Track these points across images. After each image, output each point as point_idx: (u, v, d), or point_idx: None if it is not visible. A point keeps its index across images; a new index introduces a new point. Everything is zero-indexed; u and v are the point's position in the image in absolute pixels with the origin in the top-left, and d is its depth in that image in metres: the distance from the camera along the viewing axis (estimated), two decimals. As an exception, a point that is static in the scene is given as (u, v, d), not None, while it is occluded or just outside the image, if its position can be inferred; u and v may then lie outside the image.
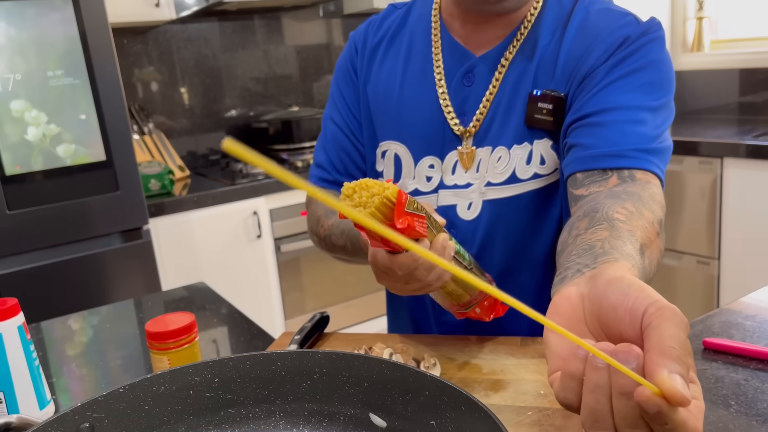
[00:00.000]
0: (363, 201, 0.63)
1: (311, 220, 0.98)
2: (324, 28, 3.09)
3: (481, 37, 0.87)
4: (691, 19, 2.91)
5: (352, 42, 1.00)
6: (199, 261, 2.32)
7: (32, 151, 1.87)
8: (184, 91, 2.79)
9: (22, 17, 1.81)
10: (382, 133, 0.95)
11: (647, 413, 0.39)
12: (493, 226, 0.88)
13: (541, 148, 0.84)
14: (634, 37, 0.79)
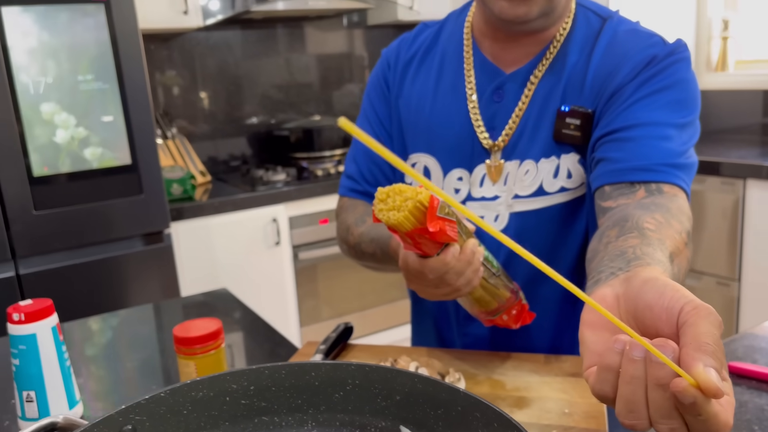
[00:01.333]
0: (397, 205, 0.65)
1: (341, 228, 1.00)
2: (346, 37, 3.11)
3: (511, 55, 0.90)
4: (716, 39, 2.90)
5: (384, 58, 1.03)
6: (217, 266, 2.34)
7: (60, 154, 1.90)
8: (206, 97, 2.83)
9: (56, 22, 1.85)
10: (413, 146, 0.97)
11: (682, 404, 0.40)
12: (520, 238, 0.89)
13: (569, 163, 0.86)
14: (662, 57, 0.81)
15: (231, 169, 2.91)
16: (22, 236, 1.89)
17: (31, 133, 1.85)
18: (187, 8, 2.38)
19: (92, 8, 1.88)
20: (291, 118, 3.02)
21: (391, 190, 0.66)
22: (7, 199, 1.85)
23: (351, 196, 1.02)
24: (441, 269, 0.68)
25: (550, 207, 0.87)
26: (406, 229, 0.65)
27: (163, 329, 1.21)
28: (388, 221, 0.65)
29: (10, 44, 1.80)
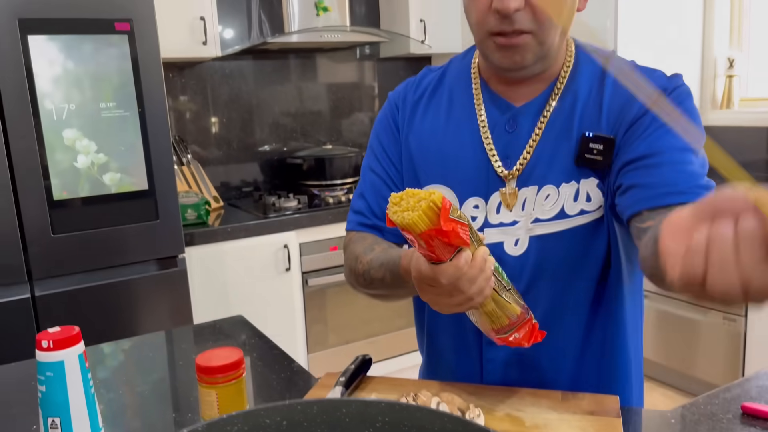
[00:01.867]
0: (410, 205, 0.67)
1: (350, 258, 1.01)
2: (357, 68, 3.18)
3: (520, 92, 0.95)
4: (721, 77, 2.95)
5: (392, 101, 1.07)
6: (228, 290, 2.36)
7: (80, 178, 1.94)
8: (220, 124, 2.88)
9: (81, 51, 1.90)
10: (426, 178, 0.99)
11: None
12: (541, 260, 0.92)
13: (588, 187, 0.90)
14: (670, 89, 0.88)
15: (243, 194, 2.95)
16: (40, 258, 1.92)
17: (53, 158, 1.89)
18: (206, 39, 2.44)
19: (116, 38, 1.94)
20: (303, 146, 3.07)
21: (405, 194, 0.69)
22: (26, 222, 1.89)
23: (360, 230, 1.04)
24: (454, 274, 0.70)
25: (571, 229, 0.91)
26: (420, 230, 0.67)
27: (184, 356, 1.23)
28: (403, 221, 0.67)
29: (36, 72, 1.85)
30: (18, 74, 1.83)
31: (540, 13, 0.84)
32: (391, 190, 1.03)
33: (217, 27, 2.49)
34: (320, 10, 2.65)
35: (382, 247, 0.96)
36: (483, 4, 0.86)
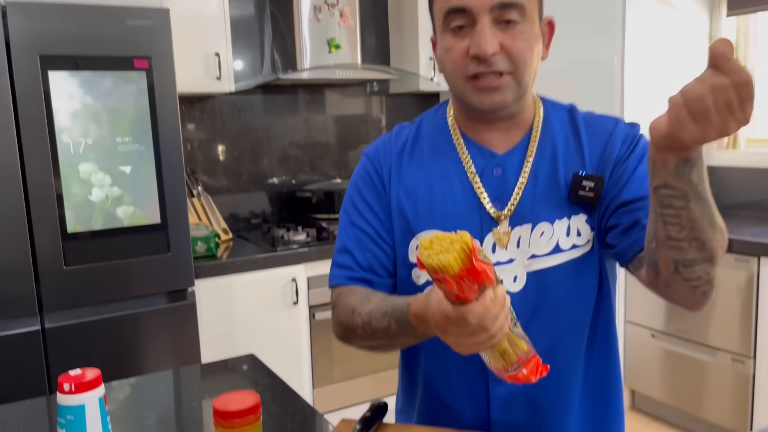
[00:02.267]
0: (444, 248, 0.69)
1: (344, 312, 1.00)
2: (365, 103, 3.22)
3: (500, 141, 1.01)
4: (727, 117, 2.99)
5: (368, 158, 1.09)
6: (236, 324, 2.36)
7: (94, 211, 1.97)
8: (230, 156, 2.91)
9: (100, 87, 1.94)
10: (419, 225, 1.02)
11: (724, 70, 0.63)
12: (540, 294, 0.97)
13: (578, 223, 0.98)
14: (636, 134, 1.00)
15: (252, 226, 2.97)
16: (51, 291, 1.93)
17: (68, 192, 1.92)
18: (220, 74, 2.49)
19: (135, 74, 1.98)
20: (311, 179, 3.10)
21: (435, 237, 0.71)
22: (40, 253, 1.90)
23: (348, 284, 1.04)
24: (482, 313, 0.71)
25: (566, 262, 0.97)
26: (455, 271, 0.69)
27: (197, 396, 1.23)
28: (440, 263, 0.69)
29: (55, 107, 1.89)
30: (38, 108, 1.87)
31: (514, 55, 0.90)
32: (377, 243, 1.05)
33: (231, 63, 2.54)
34: (332, 48, 2.70)
35: (378, 298, 0.97)
36: (460, 52, 0.92)
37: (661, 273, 0.85)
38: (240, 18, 2.83)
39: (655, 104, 2.81)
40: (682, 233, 0.79)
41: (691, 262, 0.82)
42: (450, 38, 0.93)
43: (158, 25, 2.00)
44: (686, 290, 0.86)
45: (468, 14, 0.90)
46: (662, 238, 0.81)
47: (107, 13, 1.94)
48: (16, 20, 1.83)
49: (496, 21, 0.90)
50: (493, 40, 0.89)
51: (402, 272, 1.04)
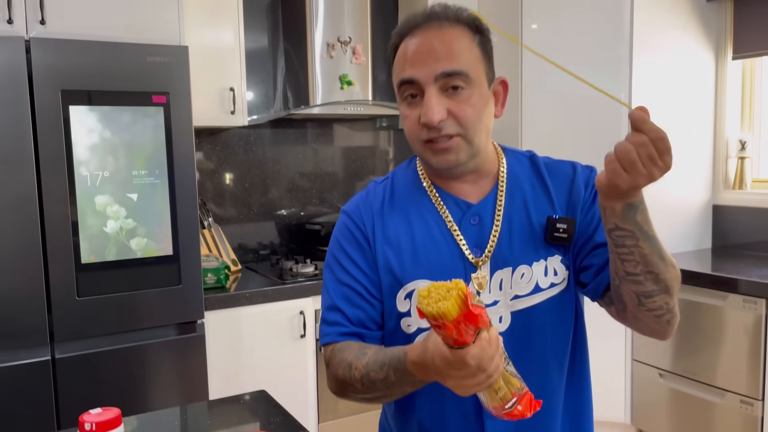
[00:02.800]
0: (442, 295, 0.75)
1: (340, 367, 1.02)
2: (373, 136, 3.27)
3: (471, 191, 1.08)
4: (733, 158, 3.02)
5: (348, 215, 1.12)
6: (243, 356, 2.37)
7: (108, 243, 1.99)
8: (240, 187, 2.95)
9: (118, 122, 1.98)
10: (406, 276, 1.05)
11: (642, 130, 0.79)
12: (525, 332, 1.03)
13: (554, 263, 1.05)
14: (595, 176, 1.05)
15: (260, 257, 2.98)
16: (63, 321, 1.95)
17: (84, 223, 1.95)
18: (234, 108, 2.53)
19: (153, 110, 2.02)
20: (320, 212, 3.13)
21: (431, 287, 0.77)
22: (53, 284, 1.92)
23: (341, 340, 1.06)
24: (480, 354, 0.76)
25: (546, 300, 1.05)
26: (453, 317, 0.74)
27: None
28: (439, 311, 0.74)
29: (75, 140, 1.93)
30: (57, 142, 1.91)
31: (462, 119, 0.98)
32: (365, 299, 1.07)
33: (245, 97, 2.59)
34: (344, 84, 2.76)
35: (373, 350, 0.99)
36: (413, 120, 0.99)
37: (627, 306, 0.97)
38: (254, 51, 2.89)
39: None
40: (638, 268, 0.91)
41: (650, 293, 0.93)
42: (405, 107, 1.01)
43: (177, 62, 2.05)
44: (652, 320, 0.97)
45: (417, 84, 0.98)
46: (622, 274, 0.93)
47: (129, 50, 1.99)
48: (39, 55, 1.88)
49: (443, 89, 0.97)
50: (440, 108, 0.96)
51: (390, 323, 1.07)
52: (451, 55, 0.97)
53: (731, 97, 3.01)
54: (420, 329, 1.04)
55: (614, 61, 2.76)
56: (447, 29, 0.99)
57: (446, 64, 0.97)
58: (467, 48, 0.99)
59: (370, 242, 1.09)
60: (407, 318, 1.05)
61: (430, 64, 0.97)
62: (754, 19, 2.86)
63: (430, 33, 0.99)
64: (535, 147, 2.86)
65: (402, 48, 1.02)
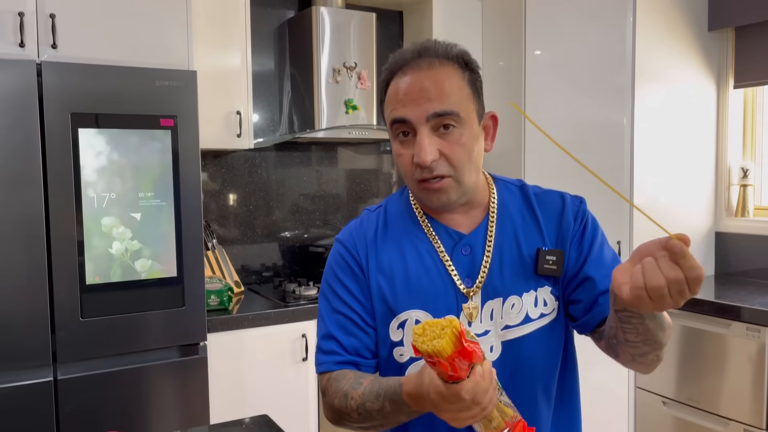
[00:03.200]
0: (436, 333, 0.77)
1: (337, 397, 1.03)
2: (377, 159, 3.29)
3: (462, 221, 1.09)
4: (735, 186, 3.04)
5: (341, 245, 1.14)
6: (244, 378, 2.36)
7: (113, 264, 2.00)
8: (244, 208, 2.97)
9: (126, 144, 2.01)
10: (400, 306, 1.07)
11: (680, 265, 0.75)
12: (515, 361, 1.05)
13: (544, 294, 1.07)
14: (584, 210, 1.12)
15: (263, 279, 2.99)
16: (67, 342, 1.95)
17: (89, 244, 1.96)
18: (240, 132, 2.56)
19: (160, 133, 2.05)
20: (324, 234, 3.14)
21: (426, 324, 0.79)
22: (58, 305, 1.93)
23: (337, 368, 1.07)
24: (474, 389, 0.78)
25: (536, 330, 1.06)
26: (448, 354, 0.76)
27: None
28: (434, 348, 0.76)
29: (83, 162, 1.95)
30: (65, 163, 1.93)
31: (453, 160, 1.00)
32: (361, 327, 1.09)
33: (251, 121, 2.62)
34: (349, 109, 2.79)
35: (369, 380, 1.00)
36: (407, 159, 1.01)
37: (620, 358, 1.02)
38: (260, 75, 2.93)
39: (662, 164, 2.87)
40: (638, 338, 0.94)
41: (646, 353, 0.97)
42: (398, 145, 1.03)
43: (185, 86, 2.08)
44: (641, 368, 1.02)
45: (409, 124, 1.00)
46: (622, 340, 0.96)
47: (138, 74, 2.02)
48: (50, 78, 1.91)
49: (434, 128, 0.99)
50: (432, 148, 0.98)
51: (383, 352, 1.09)
52: (442, 95, 0.98)
53: (733, 125, 3.03)
54: (412, 358, 1.06)
55: (617, 89, 2.79)
56: (437, 68, 1.00)
57: (437, 104, 0.98)
58: (458, 87, 1.00)
59: (364, 271, 1.10)
60: (400, 347, 1.07)
61: (422, 104, 0.98)
62: (755, 49, 2.90)
63: (421, 72, 1.00)
64: (538, 173, 2.89)
65: (393, 85, 1.03)
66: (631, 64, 2.76)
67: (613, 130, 2.81)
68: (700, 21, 2.97)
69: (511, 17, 2.93)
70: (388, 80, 1.05)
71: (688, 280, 0.75)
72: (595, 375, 2.74)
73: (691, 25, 2.93)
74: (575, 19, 2.82)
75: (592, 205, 1.20)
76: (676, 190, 2.94)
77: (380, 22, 3.11)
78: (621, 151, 2.80)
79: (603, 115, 2.82)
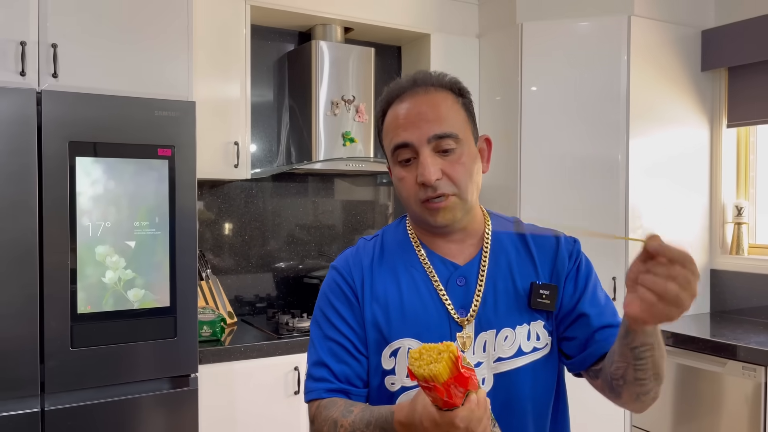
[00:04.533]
0: (433, 358, 0.76)
1: (325, 426, 1.02)
2: (373, 190, 3.30)
3: (458, 251, 1.11)
4: (730, 224, 3.05)
5: (337, 272, 1.14)
6: (235, 410, 2.32)
7: (105, 293, 1.99)
8: (239, 239, 2.96)
9: (122, 173, 2.01)
10: (393, 334, 1.07)
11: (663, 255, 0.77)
12: (507, 394, 1.04)
13: (537, 328, 1.08)
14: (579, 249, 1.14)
15: (257, 310, 2.97)
16: (55, 372, 1.92)
17: (82, 273, 1.95)
18: (237, 162, 2.57)
19: (158, 162, 2.05)
20: (319, 265, 3.12)
21: (423, 348, 0.78)
22: (48, 334, 1.91)
23: (327, 396, 1.06)
24: (468, 416, 0.78)
25: (528, 364, 1.07)
26: (444, 379, 0.75)
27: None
28: (431, 373, 0.76)
29: (79, 190, 1.95)
30: (62, 192, 1.93)
31: (455, 179, 1.03)
32: (353, 355, 1.08)
33: (249, 151, 2.64)
34: (347, 141, 2.81)
35: (359, 408, 0.99)
36: (410, 181, 1.04)
37: (622, 398, 1.01)
38: (259, 106, 2.96)
39: (657, 201, 2.88)
40: (647, 374, 0.95)
41: (649, 390, 0.98)
42: (400, 169, 1.06)
43: (184, 116, 2.10)
44: (639, 406, 1.02)
45: (411, 148, 1.03)
46: (631, 380, 0.96)
47: (137, 104, 2.04)
48: (49, 107, 1.92)
49: (436, 150, 1.03)
50: (435, 168, 1.01)
51: (375, 380, 1.08)
52: (441, 118, 1.03)
53: (727, 163, 3.06)
54: (404, 387, 1.05)
55: (612, 125, 2.82)
56: (433, 94, 1.05)
57: (437, 127, 1.02)
58: (454, 111, 1.05)
59: (358, 298, 1.10)
60: (392, 376, 1.06)
61: (422, 127, 1.02)
62: (747, 89, 2.95)
63: (419, 97, 1.05)
64: (533, 207, 2.90)
65: (391, 113, 1.07)
66: (625, 102, 2.80)
67: (608, 166, 2.83)
68: (693, 61, 3.02)
69: (508, 54, 2.98)
70: (385, 109, 1.09)
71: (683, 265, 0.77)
72: (590, 414, 2.70)
73: (685, 65, 2.98)
74: (571, 56, 2.86)
75: (586, 241, 1.20)
76: (671, 227, 2.95)
77: (379, 56, 3.15)
78: (616, 187, 2.82)
79: (598, 151, 2.84)
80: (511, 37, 2.95)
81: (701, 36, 3.04)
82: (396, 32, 3.06)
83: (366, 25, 2.94)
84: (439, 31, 3.08)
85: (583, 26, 2.85)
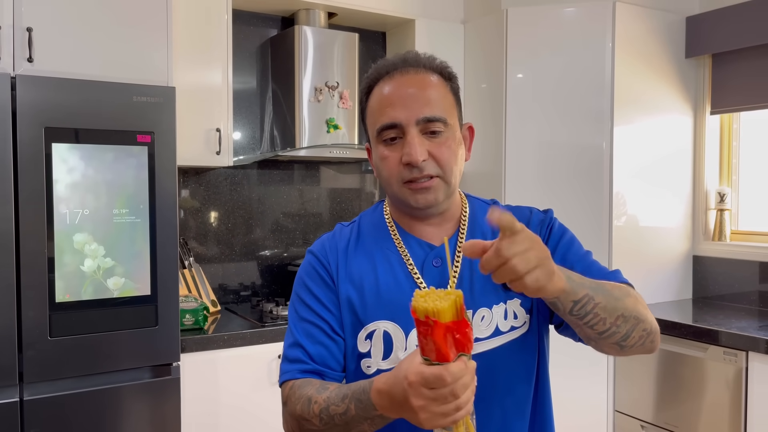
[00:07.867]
0: (440, 297, 0.75)
1: (299, 404, 0.99)
2: (359, 178, 3.28)
3: (434, 234, 1.10)
4: (712, 210, 3.07)
5: (313, 256, 1.13)
6: (218, 400, 2.31)
7: (84, 282, 1.96)
8: (223, 227, 2.93)
9: (101, 160, 1.98)
10: (368, 316, 1.06)
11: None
12: (487, 375, 1.01)
13: (514, 306, 1.07)
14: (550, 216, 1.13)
15: (241, 299, 2.95)
16: (34, 362, 1.90)
17: (60, 261, 1.92)
18: (219, 149, 2.54)
19: (137, 149, 2.02)
20: (304, 253, 3.10)
21: (429, 291, 0.77)
22: (26, 323, 1.88)
23: (301, 377, 1.05)
24: (458, 374, 0.76)
25: (506, 343, 1.05)
26: (447, 319, 0.73)
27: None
28: (435, 307, 0.74)
29: (56, 178, 1.92)
30: (38, 179, 1.89)
31: (441, 161, 1.02)
32: (329, 336, 1.08)
33: (231, 138, 2.60)
34: (331, 128, 2.78)
35: (335, 386, 0.98)
36: (394, 160, 1.03)
37: (611, 352, 1.00)
38: (242, 93, 2.92)
39: (641, 188, 2.89)
40: (606, 324, 0.92)
41: (627, 334, 0.95)
42: (383, 148, 1.04)
43: (164, 102, 2.06)
44: (638, 350, 1.00)
45: (399, 128, 1.02)
46: (595, 336, 0.94)
47: (115, 90, 2.00)
48: (24, 92, 1.88)
49: (423, 132, 1.02)
50: (422, 149, 1.01)
51: (351, 363, 1.07)
52: (431, 101, 1.02)
53: (710, 150, 3.07)
54: (379, 370, 1.04)
55: (596, 112, 2.81)
56: (423, 75, 1.04)
57: (427, 109, 1.01)
58: (443, 95, 1.04)
59: (334, 280, 1.10)
60: (367, 359, 1.05)
61: (412, 107, 1.01)
62: (731, 76, 2.95)
63: (409, 77, 1.04)
64: (518, 193, 2.90)
65: (378, 91, 1.06)
66: (610, 89, 2.80)
67: (592, 153, 2.83)
68: (677, 48, 3.01)
69: (493, 40, 2.96)
70: (371, 87, 1.07)
71: (504, 231, 0.79)
72: (573, 398, 2.72)
73: (669, 52, 2.98)
74: (556, 43, 2.85)
75: (571, 225, 1.19)
76: (654, 213, 2.96)
77: (363, 42, 3.12)
78: (600, 174, 2.82)
79: (582, 138, 2.84)
80: (497, 22, 2.93)
81: (686, 22, 3.03)
82: (380, 18, 3.03)
83: (350, 11, 2.91)
84: (424, 16, 3.05)
85: (569, 12, 2.84)
